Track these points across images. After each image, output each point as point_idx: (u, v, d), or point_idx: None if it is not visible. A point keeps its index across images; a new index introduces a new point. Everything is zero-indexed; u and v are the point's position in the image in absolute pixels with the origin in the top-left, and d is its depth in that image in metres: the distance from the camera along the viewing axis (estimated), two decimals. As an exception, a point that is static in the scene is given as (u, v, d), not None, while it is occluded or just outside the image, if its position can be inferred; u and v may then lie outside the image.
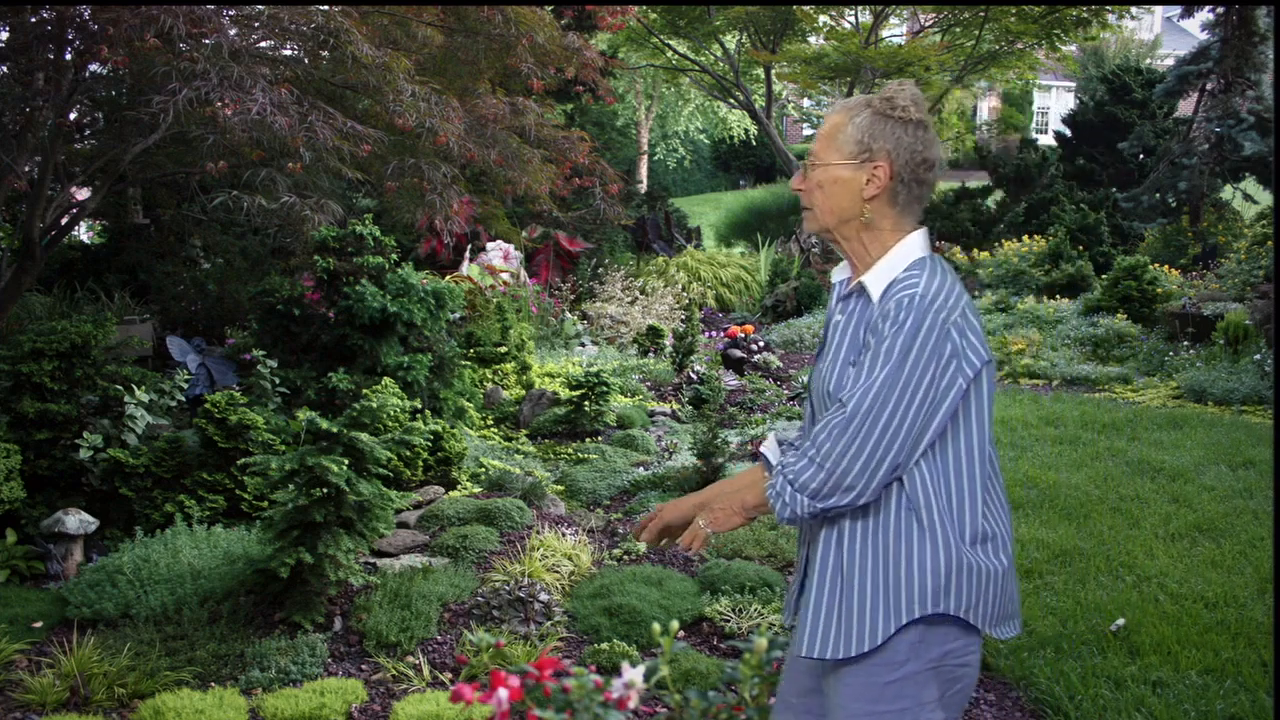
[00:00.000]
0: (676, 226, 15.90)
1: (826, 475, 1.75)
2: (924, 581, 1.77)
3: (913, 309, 1.73)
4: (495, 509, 5.01)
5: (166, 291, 7.89)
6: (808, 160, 1.92)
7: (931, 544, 1.78)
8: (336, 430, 3.83)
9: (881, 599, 1.78)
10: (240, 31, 5.13)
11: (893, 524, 1.79)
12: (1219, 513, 5.07)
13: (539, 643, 3.77)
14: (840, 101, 1.93)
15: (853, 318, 1.87)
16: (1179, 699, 3.27)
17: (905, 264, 1.83)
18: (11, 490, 4.47)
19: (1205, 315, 9.34)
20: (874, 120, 1.84)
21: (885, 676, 1.79)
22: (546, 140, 6.54)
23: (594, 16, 9.07)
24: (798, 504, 1.78)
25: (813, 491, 1.76)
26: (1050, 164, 18.09)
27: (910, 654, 1.79)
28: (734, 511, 1.92)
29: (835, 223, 1.89)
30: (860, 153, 1.84)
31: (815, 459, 1.75)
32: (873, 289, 1.83)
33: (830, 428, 1.75)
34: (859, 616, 1.79)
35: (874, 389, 1.72)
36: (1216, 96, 14.80)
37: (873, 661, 1.80)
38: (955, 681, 1.85)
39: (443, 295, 6.32)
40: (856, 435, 1.73)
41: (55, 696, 3.35)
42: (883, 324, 1.75)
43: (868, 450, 1.73)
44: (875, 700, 1.80)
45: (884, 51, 15.07)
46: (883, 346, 1.74)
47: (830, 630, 1.82)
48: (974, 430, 1.81)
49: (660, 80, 24.26)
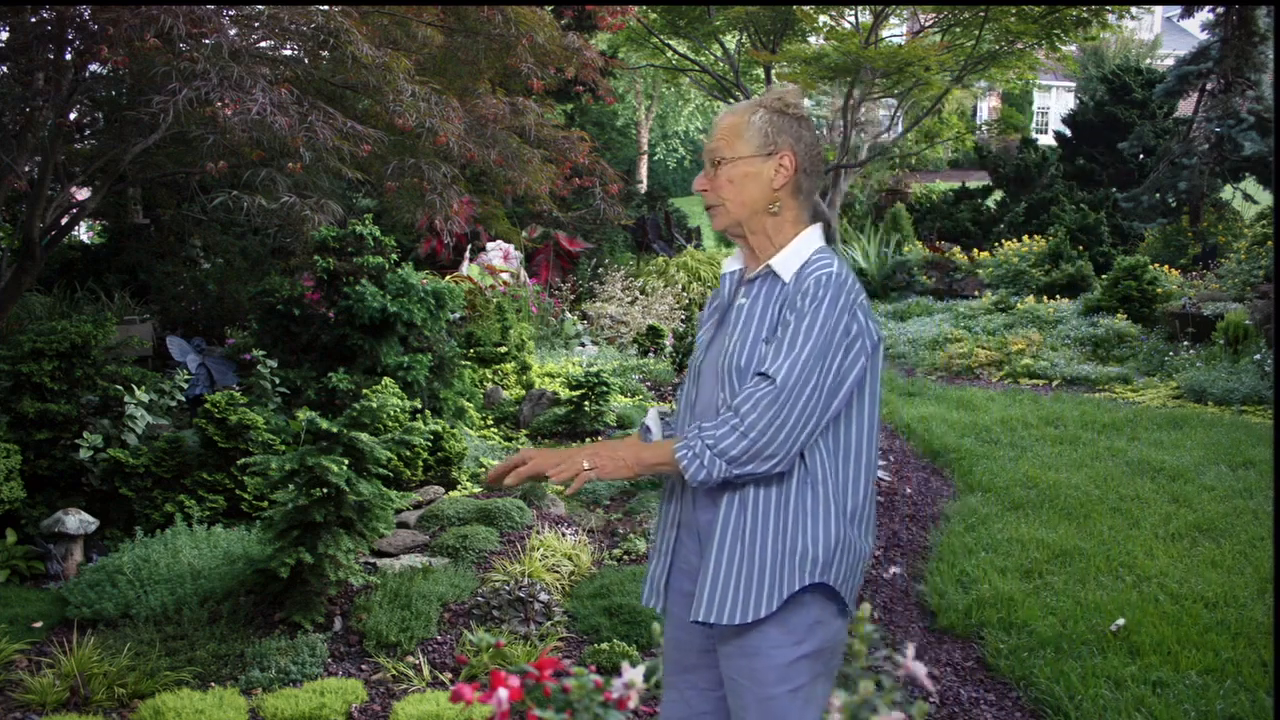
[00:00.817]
0: (676, 226, 15.90)
1: (750, 444, 1.82)
2: (815, 552, 1.87)
3: (830, 286, 1.86)
4: (495, 509, 5.01)
5: (166, 291, 7.89)
6: (712, 159, 2.01)
7: (824, 516, 1.89)
8: (336, 430, 3.83)
9: (783, 563, 1.86)
10: (240, 31, 5.13)
11: (793, 494, 1.88)
12: (1219, 513, 5.07)
13: (539, 643, 3.77)
14: (731, 107, 2.04)
15: (759, 300, 1.96)
16: (1179, 699, 3.27)
17: (810, 251, 1.96)
18: (11, 490, 4.47)
19: (1205, 315, 9.34)
20: (774, 117, 1.96)
21: (785, 656, 1.88)
22: (546, 140, 6.54)
23: (594, 16, 9.07)
24: (715, 468, 1.84)
25: (732, 458, 1.83)
26: (1050, 164, 18.09)
27: (807, 634, 1.89)
28: (625, 464, 1.92)
29: (746, 215, 1.98)
30: (766, 146, 1.96)
31: (739, 428, 1.82)
32: (783, 272, 1.94)
33: (755, 400, 1.82)
34: (758, 580, 1.86)
35: (799, 364, 1.82)
36: (1216, 96, 14.81)
37: (771, 641, 1.88)
38: (835, 663, 1.96)
39: (443, 295, 6.32)
40: (783, 408, 1.81)
41: (55, 696, 3.35)
42: (802, 300, 1.86)
43: (791, 421, 1.81)
44: (779, 680, 1.88)
45: (884, 51, 15.06)
46: (803, 323, 1.84)
47: (731, 595, 1.88)
48: (865, 411, 1.93)
49: (660, 80, 24.26)
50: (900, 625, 4.06)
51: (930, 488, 5.77)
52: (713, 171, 2.00)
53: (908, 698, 3.40)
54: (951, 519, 5.13)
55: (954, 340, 10.17)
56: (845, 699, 2.05)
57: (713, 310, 2.10)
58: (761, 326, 1.92)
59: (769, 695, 1.89)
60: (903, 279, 13.75)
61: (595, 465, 1.91)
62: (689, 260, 14.41)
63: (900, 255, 14.44)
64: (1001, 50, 15.55)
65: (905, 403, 7.77)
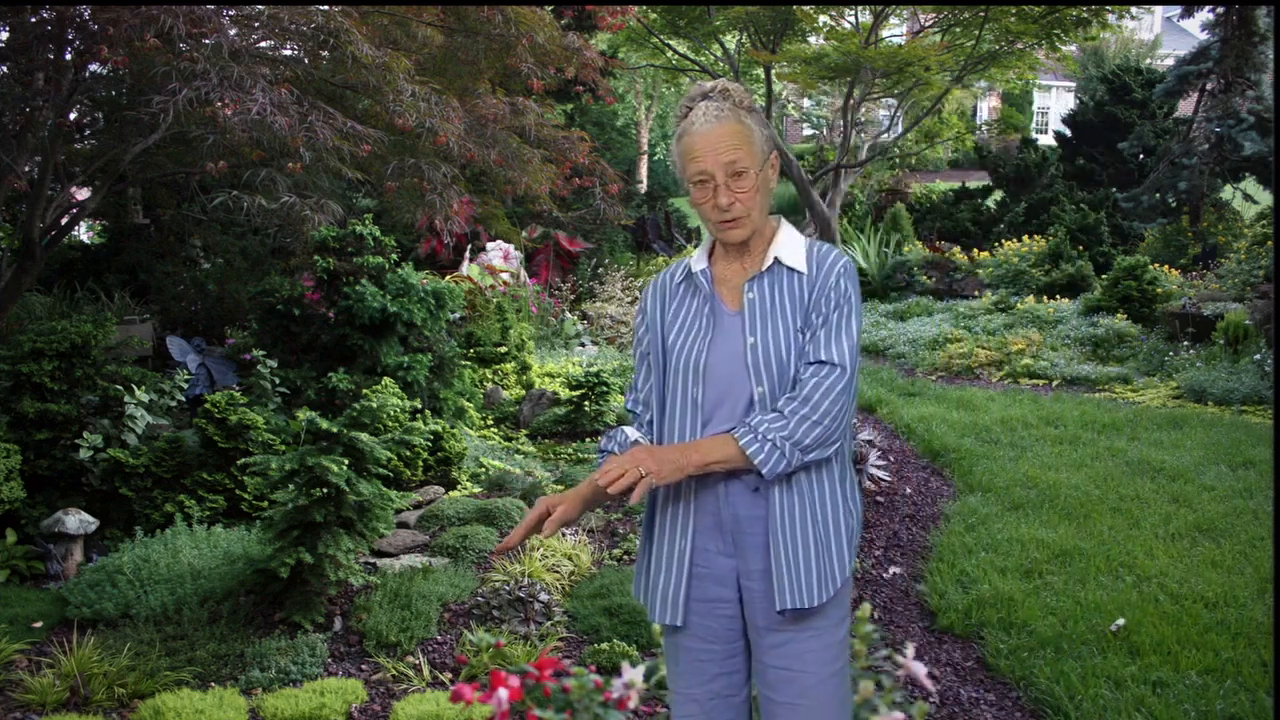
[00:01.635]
0: (676, 226, 15.89)
1: (823, 431, 1.87)
2: (854, 525, 2.00)
3: (853, 273, 1.97)
4: (495, 509, 5.01)
5: (166, 291, 7.89)
6: (730, 170, 1.91)
7: (851, 491, 2.01)
8: (336, 430, 3.83)
9: (838, 540, 1.96)
10: (240, 31, 5.13)
11: (839, 471, 1.98)
12: (1219, 513, 5.07)
13: (539, 643, 3.77)
14: (721, 115, 1.94)
15: (776, 292, 1.97)
16: (1179, 699, 3.27)
17: (798, 238, 2.01)
18: (11, 490, 4.47)
19: (1205, 315, 9.34)
20: (759, 119, 1.98)
21: (837, 634, 1.97)
22: (546, 140, 6.54)
23: (594, 16, 9.07)
24: (793, 457, 1.87)
25: (805, 446, 1.88)
26: (1050, 164, 18.08)
27: (846, 612, 2.00)
28: (680, 468, 1.89)
29: (761, 220, 2.00)
30: (769, 150, 1.99)
31: (809, 416, 1.86)
32: (795, 263, 1.97)
33: (827, 388, 1.88)
34: (822, 559, 1.93)
35: (854, 346, 1.91)
36: (1216, 96, 14.80)
37: (829, 620, 1.96)
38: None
39: (443, 295, 6.32)
40: (846, 391, 1.89)
41: (55, 696, 3.35)
42: (838, 287, 1.93)
43: (852, 405, 1.92)
44: (835, 658, 1.96)
45: (884, 51, 15.05)
46: (846, 309, 1.92)
47: (807, 578, 1.92)
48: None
49: (660, 80, 24.26)
50: (900, 625, 4.06)
51: (930, 488, 5.77)
52: (732, 183, 1.92)
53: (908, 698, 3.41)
54: (951, 519, 5.13)
55: (954, 340, 10.17)
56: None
57: (693, 305, 2.03)
58: (795, 316, 1.94)
59: (828, 674, 1.95)
60: (903, 279, 13.74)
61: (654, 473, 1.85)
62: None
63: (900, 255, 14.44)
64: (1001, 50, 15.54)
65: (905, 403, 7.77)
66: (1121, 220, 15.41)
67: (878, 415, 7.50)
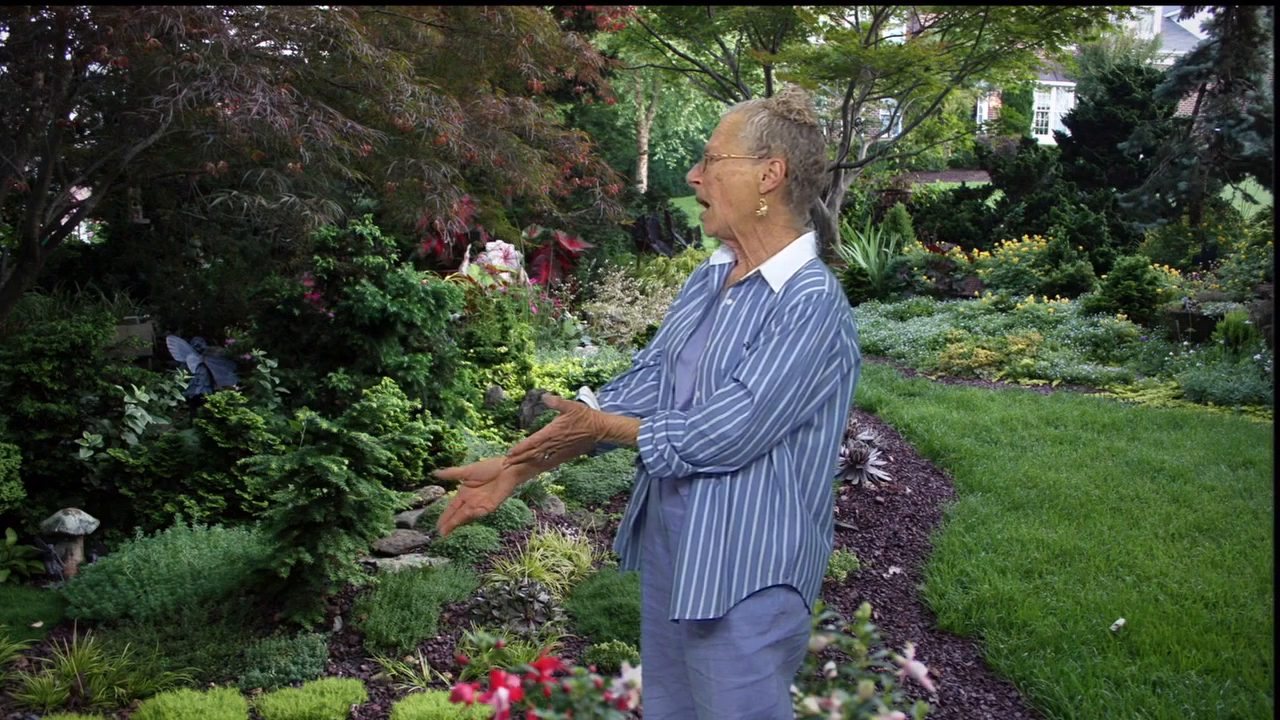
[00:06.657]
0: (676, 226, 15.88)
1: (717, 450, 1.86)
2: (782, 553, 1.91)
3: (819, 304, 1.87)
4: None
5: (166, 291, 7.89)
6: (707, 155, 2.01)
7: (791, 519, 1.92)
8: (336, 430, 3.83)
9: (752, 563, 1.90)
10: (240, 31, 5.13)
11: (761, 495, 1.92)
12: (1219, 513, 5.07)
13: (539, 643, 3.77)
14: (738, 104, 2.03)
15: (745, 303, 1.96)
16: (1179, 699, 3.27)
17: (802, 262, 1.95)
18: (11, 490, 4.47)
19: (1205, 315, 9.34)
20: (772, 120, 1.95)
21: (750, 646, 1.90)
22: (546, 140, 6.54)
23: (594, 16, 9.06)
24: (675, 464, 1.89)
25: (697, 461, 1.88)
26: (1050, 164, 18.08)
27: (772, 624, 1.92)
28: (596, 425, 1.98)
29: (735, 218, 1.99)
30: (759, 149, 1.95)
31: (707, 434, 1.86)
32: (772, 280, 1.94)
33: (728, 408, 1.85)
34: (725, 576, 1.90)
35: (779, 379, 1.84)
36: (1216, 96, 14.79)
37: (738, 632, 1.91)
38: (796, 657, 2.00)
39: (443, 295, 6.32)
40: (754, 420, 1.84)
41: (55, 696, 3.35)
42: (789, 315, 1.87)
43: (760, 433, 1.86)
44: (744, 671, 1.90)
45: (884, 51, 15.05)
46: (786, 339, 1.86)
47: (705, 590, 1.90)
48: (835, 421, 1.96)
49: (660, 80, 24.26)
50: (900, 625, 4.06)
51: (930, 488, 5.77)
52: (705, 167, 2.02)
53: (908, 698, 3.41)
54: (951, 519, 5.13)
55: (954, 340, 10.16)
56: (845, 699, 2.05)
57: (700, 298, 2.09)
58: (745, 331, 1.93)
59: (732, 685, 1.91)
60: (903, 279, 13.73)
61: (582, 414, 1.96)
62: (689, 260, 14.41)
63: (900, 255, 14.43)
64: (1001, 50, 15.55)
65: (905, 403, 7.76)
66: (1121, 220, 15.41)
67: (878, 415, 7.50)
